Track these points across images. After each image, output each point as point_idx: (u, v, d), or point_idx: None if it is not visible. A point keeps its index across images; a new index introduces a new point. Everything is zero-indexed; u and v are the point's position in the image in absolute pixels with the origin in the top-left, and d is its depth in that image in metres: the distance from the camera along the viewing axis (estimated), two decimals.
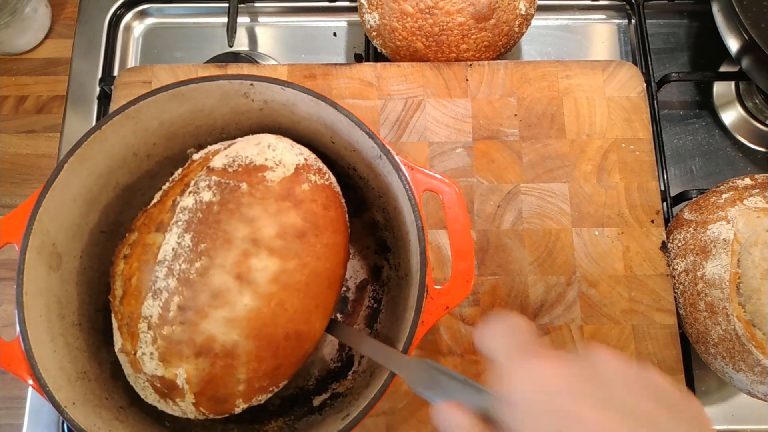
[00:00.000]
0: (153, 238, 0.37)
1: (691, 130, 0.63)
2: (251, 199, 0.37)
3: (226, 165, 0.38)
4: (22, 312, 0.37)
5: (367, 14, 0.55)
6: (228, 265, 0.35)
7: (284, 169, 0.39)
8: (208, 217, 0.36)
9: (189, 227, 0.36)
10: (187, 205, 0.37)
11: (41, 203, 0.38)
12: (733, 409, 0.53)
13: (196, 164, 0.41)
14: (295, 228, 0.37)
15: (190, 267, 0.35)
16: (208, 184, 0.37)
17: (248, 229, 0.36)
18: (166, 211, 0.38)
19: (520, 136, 0.53)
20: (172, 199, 0.38)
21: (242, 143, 0.40)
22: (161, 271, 0.35)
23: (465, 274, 0.38)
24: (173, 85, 0.41)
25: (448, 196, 0.39)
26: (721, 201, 0.49)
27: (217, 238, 0.35)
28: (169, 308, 0.35)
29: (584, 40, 0.66)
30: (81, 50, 0.64)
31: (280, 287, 0.36)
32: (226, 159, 0.39)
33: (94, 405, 0.38)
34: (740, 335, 0.45)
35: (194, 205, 0.36)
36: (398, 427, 0.47)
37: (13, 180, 0.62)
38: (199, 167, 0.39)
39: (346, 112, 0.40)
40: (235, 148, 0.40)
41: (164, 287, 0.35)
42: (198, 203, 0.37)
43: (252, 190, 0.37)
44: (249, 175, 0.38)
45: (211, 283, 0.35)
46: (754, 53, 0.53)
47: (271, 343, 0.36)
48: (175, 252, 0.35)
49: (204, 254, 0.35)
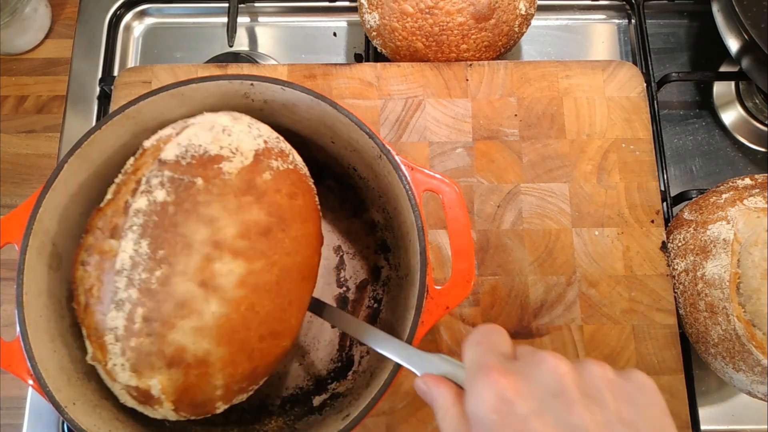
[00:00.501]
0: (109, 244, 0.36)
1: (691, 130, 0.63)
2: (208, 197, 0.35)
3: (178, 156, 0.36)
4: (22, 312, 0.37)
5: (367, 14, 0.55)
6: (190, 272, 0.33)
7: (242, 158, 0.36)
8: (163, 219, 0.34)
9: (145, 232, 0.34)
10: (140, 207, 0.35)
11: (41, 203, 0.38)
12: (733, 409, 0.53)
13: (148, 154, 0.38)
14: (260, 225, 0.35)
15: (150, 276, 0.33)
16: (160, 180, 0.35)
17: (208, 230, 0.34)
18: (119, 213, 0.36)
19: (520, 136, 0.53)
20: (125, 200, 0.36)
21: (195, 128, 0.38)
22: (121, 281, 0.34)
23: (465, 274, 0.38)
24: (173, 85, 0.41)
25: (448, 196, 0.39)
26: (721, 201, 0.49)
27: (175, 243, 0.34)
28: (134, 320, 0.34)
29: (584, 40, 0.66)
30: (81, 50, 0.64)
31: (249, 290, 0.34)
32: (179, 149, 0.36)
33: (94, 405, 0.38)
34: (740, 335, 0.45)
35: (148, 207, 0.35)
36: (398, 427, 0.47)
37: (13, 180, 0.62)
38: (151, 158, 0.37)
39: (346, 112, 0.40)
40: (187, 134, 0.37)
41: (126, 298, 0.34)
42: (152, 204, 0.35)
43: (208, 186, 0.35)
44: (204, 168, 0.35)
45: (174, 293, 0.33)
46: (754, 53, 0.53)
47: (244, 347, 0.35)
48: (132, 260, 0.34)
49: (163, 262, 0.34)
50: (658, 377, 0.48)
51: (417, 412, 0.47)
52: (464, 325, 0.49)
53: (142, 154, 0.39)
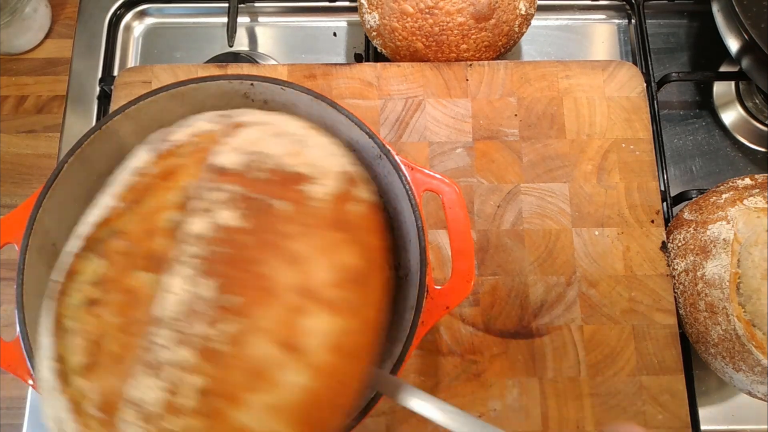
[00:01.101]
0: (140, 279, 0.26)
1: (691, 130, 0.63)
2: (295, 228, 0.26)
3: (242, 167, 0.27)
4: (22, 312, 0.37)
5: (367, 14, 0.55)
6: (273, 327, 0.24)
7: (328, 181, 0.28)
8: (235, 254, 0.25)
9: (208, 269, 0.24)
10: (198, 232, 0.25)
11: (41, 203, 0.38)
12: (733, 409, 0.53)
13: (185, 153, 0.29)
14: (353, 270, 0.27)
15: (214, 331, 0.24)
16: (226, 197, 0.26)
17: (296, 272, 0.25)
18: (157, 233, 0.26)
19: (520, 136, 0.53)
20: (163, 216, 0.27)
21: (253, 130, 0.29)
22: (164, 335, 0.24)
23: (465, 274, 0.38)
24: (173, 85, 0.41)
25: (448, 196, 0.39)
26: (721, 201, 0.49)
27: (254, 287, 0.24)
28: (181, 392, 0.24)
29: (584, 40, 0.66)
30: (81, 50, 0.64)
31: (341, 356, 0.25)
32: (239, 156, 0.27)
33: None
34: (740, 335, 0.45)
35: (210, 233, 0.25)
36: (398, 426, 0.47)
37: (13, 180, 0.62)
38: (193, 162, 0.28)
39: (346, 112, 0.40)
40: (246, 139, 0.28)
41: (170, 360, 0.24)
42: (216, 231, 0.25)
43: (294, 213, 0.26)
44: (284, 188, 0.27)
45: (249, 356, 0.24)
46: (754, 53, 0.53)
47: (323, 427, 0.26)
48: (187, 306, 0.24)
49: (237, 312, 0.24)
50: (658, 377, 0.48)
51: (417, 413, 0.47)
52: (464, 325, 0.49)
53: (172, 150, 0.30)
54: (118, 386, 0.25)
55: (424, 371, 0.48)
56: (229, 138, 0.28)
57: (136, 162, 0.30)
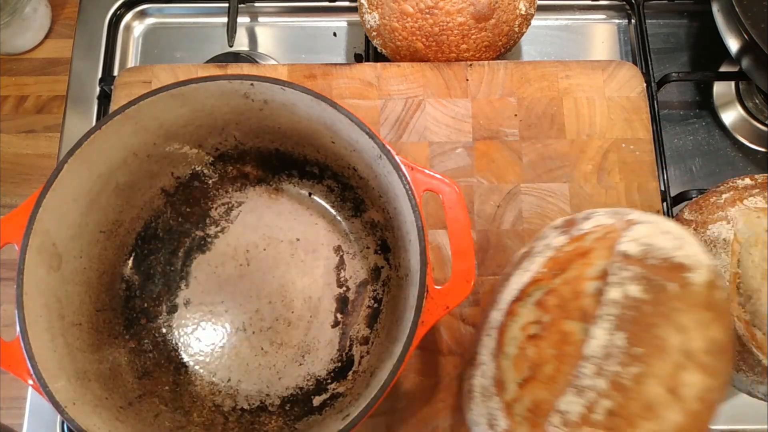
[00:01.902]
0: (572, 326, 0.35)
1: (691, 130, 0.63)
2: (681, 305, 0.35)
3: (641, 254, 0.36)
4: (22, 312, 0.37)
5: (367, 14, 0.55)
6: (663, 376, 0.33)
7: (703, 272, 0.36)
8: (639, 317, 0.34)
9: (621, 325, 0.34)
10: (614, 298, 0.34)
11: (41, 203, 0.38)
12: (733, 409, 0.53)
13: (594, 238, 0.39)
14: (720, 344, 0.35)
15: (623, 371, 0.33)
16: (630, 275, 0.35)
17: (681, 338, 0.34)
18: (583, 296, 0.36)
19: (520, 136, 0.53)
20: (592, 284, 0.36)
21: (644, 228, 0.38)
22: (588, 367, 0.34)
23: (465, 274, 0.38)
24: (173, 85, 0.41)
25: (448, 196, 0.39)
26: (721, 201, 0.49)
27: (652, 344, 0.33)
28: (595, 410, 0.33)
29: (584, 40, 0.66)
30: (81, 50, 0.64)
31: (705, 406, 0.34)
32: (638, 246, 0.36)
33: (94, 405, 0.38)
34: (740, 335, 0.45)
35: (622, 300, 0.34)
36: (398, 427, 0.47)
37: (13, 180, 0.62)
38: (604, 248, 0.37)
39: (346, 113, 0.40)
40: (640, 233, 0.37)
41: (590, 386, 0.33)
42: (625, 298, 0.34)
43: (681, 294, 0.35)
44: (673, 273, 0.35)
45: (645, 393, 0.33)
46: (754, 53, 0.53)
47: None
48: (606, 350, 0.34)
49: (640, 360, 0.33)
50: None
51: (417, 412, 0.47)
52: (464, 325, 0.49)
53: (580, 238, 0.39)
54: (549, 398, 0.35)
55: (424, 371, 0.48)
56: (628, 232, 0.38)
57: (554, 242, 0.41)
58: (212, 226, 0.51)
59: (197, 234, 0.50)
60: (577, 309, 0.36)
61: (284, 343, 0.48)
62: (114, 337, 0.45)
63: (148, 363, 0.46)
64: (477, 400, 0.40)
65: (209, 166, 0.50)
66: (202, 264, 0.50)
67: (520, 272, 0.40)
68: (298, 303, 0.49)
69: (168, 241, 0.50)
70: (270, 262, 0.49)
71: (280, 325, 0.48)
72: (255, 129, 0.47)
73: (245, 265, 0.49)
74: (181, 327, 0.48)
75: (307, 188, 0.51)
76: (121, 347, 0.45)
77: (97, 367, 0.42)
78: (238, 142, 0.48)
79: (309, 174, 0.51)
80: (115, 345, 0.45)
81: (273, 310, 0.48)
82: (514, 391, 0.37)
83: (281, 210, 0.51)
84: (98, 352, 0.43)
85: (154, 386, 0.45)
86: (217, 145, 0.48)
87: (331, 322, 0.48)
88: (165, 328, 0.48)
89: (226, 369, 0.47)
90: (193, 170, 0.49)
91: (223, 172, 0.51)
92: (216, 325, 0.48)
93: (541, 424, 0.35)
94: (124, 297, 0.47)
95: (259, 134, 0.47)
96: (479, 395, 0.40)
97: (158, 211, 0.49)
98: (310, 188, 0.51)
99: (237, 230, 0.50)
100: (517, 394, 0.37)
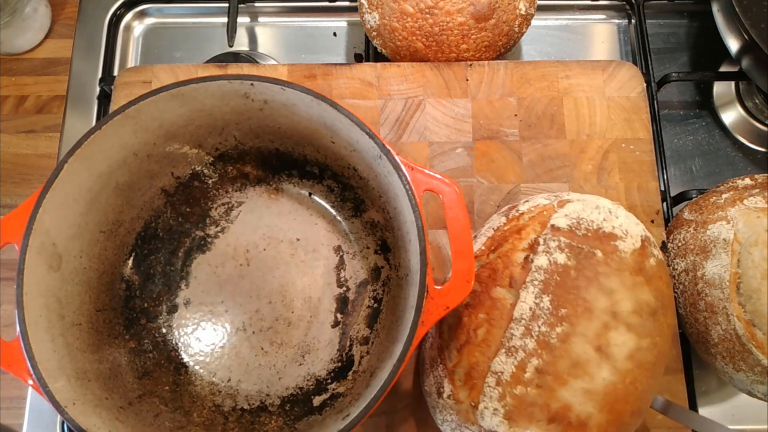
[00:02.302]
0: (502, 293, 0.38)
1: (691, 130, 0.63)
2: (607, 269, 0.37)
3: (571, 226, 0.38)
4: (22, 312, 0.37)
5: (367, 14, 0.55)
6: (590, 335, 0.35)
7: (633, 241, 0.39)
8: (565, 281, 0.36)
9: (546, 289, 0.36)
10: (541, 265, 0.37)
11: (41, 203, 0.38)
12: (734, 409, 0.53)
13: (529, 217, 0.41)
14: (649, 305, 0.37)
15: (550, 331, 0.35)
16: (558, 245, 0.37)
17: (608, 300, 0.36)
18: (513, 265, 0.38)
19: (520, 136, 0.53)
20: (522, 254, 0.38)
21: (576, 204, 0.40)
22: (517, 329, 0.35)
23: (465, 274, 0.38)
24: (173, 85, 0.41)
25: (448, 196, 0.39)
26: (721, 201, 0.49)
27: (577, 305, 0.36)
28: (525, 369, 0.35)
29: (584, 40, 0.66)
30: (81, 50, 0.64)
31: (635, 365, 0.36)
32: (569, 220, 0.39)
33: (93, 405, 0.38)
34: (740, 335, 0.45)
35: (549, 266, 0.37)
36: (399, 426, 0.47)
37: (14, 180, 0.62)
38: (537, 224, 0.39)
39: (346, 112, 0.40)
40: (573, 209, 0.40)
41: (520, 346, 0.35)
42: (552, 264, 0.37)
43: (607, 260, 0.37)
44: (600, 242, 0.38)
45: (572, 351, 0.35)
46: (754, 53, 0.53)
47: (619, 418, 0.36)
48: (533, 312, 0.35)
49: (565, 320, 0.35)
50: None
51: (417, 412, 0.47)
52: None
53: (520, 216, 0.42)
54: (483, 360, 0.37)
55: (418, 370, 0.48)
56: (560, 209, 0.40)
57: (495, 224, 0.43)
58: (212, 226, 0.51)
59: (197, 234, 0.50)
60: (507, 277, 0.38)
61: (284, 343, 0.48)
62: (114, 337, 0.45)
63: (148, 363, 0.46)
64: (428, 371, 0.41)
65: (209, 166, 0.50)
66: (202, 264, 0.50)
67: None
68: (298, 303, 0.49)
69: (168, 241, 0.50)
70: (270, 262, 0.49)
71: (280, 325, 0.48)
72: (255, 129, 0.47)
73: (245, 265, 0.49)
74: (181, 327, 0.48)
75: (307, 188, 0.51)
76: (121, 347, 0.45)
77: (97, 367, 0.42)
78: (238, 142, 0.48)
79: (309, 174, 0.51)
80: (115, 345, 0.45)
81: (273, 310, 0.48)
82: (454, 357, 0.39)
83: (281, 210, 0.51)
84: (98, 352, 0.43)
85: (154, 386, 0.45)
86: (217, 145, 0.48)
87: (331, 322, 0.48)
88: (165, 328, 0.48)
89: (226, 369, 0.47)
90: (193, 170, 0.49)
91: (223, 172, 0.51)
92: (216, 325, 0.48)
93: (478, 386, 0.36)
94: (124, 297, 0.47)
95: (259, 134, 0.47)
96: (428, 366, 0.41)
97: (158, 211, 0.49)
98: (310, 188, 0.51)
99: (237, 230, 0.50)
100: (456, 359, 0.38)
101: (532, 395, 0.35)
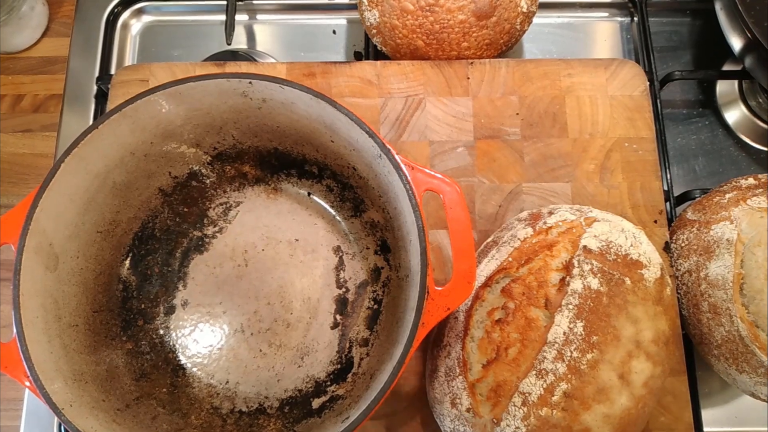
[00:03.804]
0: (537, 313, 0.38)
1: (694, 129, 0.62)
2: (635, 298, 0.38)
3: (601, 249, 0.40)
4: (19, 313, 0.37)
5: (367, 12, 0.55)
6: (615, 362, 0.37)
7: (654, 270, 0.40)
8: (598, 307, 0.37)
9: (580, 314, 0.37)
10: (576, 289, 0.38)
11: (38, 203, 0.38)
12: (736, 410, 0.53)
13: (557, 232, 0.42)
14: (665, 335, 0.39)
15: (581, 357, 0.36)
16: (591, 269, 0.38)
17: (633, 329, 0.37)
18: (548, 285, 0.39)
19: (522, 135, 0.53)
20: (557, 275, 0.39)
21: (603, 225, 0.41)
22: (550, 353, 0.36)
23: (466, 275, 0.37)
24: (171, 84, 0.41)
25: (449, 196, 0.38)
26: (724, 201, 0.49)
27: (607, 332, 0.37)
28: (554, 392, 0.36)
29: (586, 38, 0.66)
30: (78, 48, 0.63)
31: (647, 391, 0.38)
32: (599, 242, 0.40)
33: (90, 407, 0.38)
34: (743, 336, 0.44)
35: (583, 291, 0.38)
36: (398, 429, 0.46)
37: (10, 180, 0.61)
38: (568, 242, 0.40)
39: (345, 111, 0.40)
40: (601, 230, 0.41)
41: (551, 370, 0.36)
42: (586, 289, 0.38)
43: (635, 288, 0.39)
44: (629, 269, 0.39)
45: (599, 378, 0.36)
46: (757, 52, 0.53)
47: None
48: (566, 337, 0.36)
49: (596, 347, 0.36)
50: None
51: (417, 415, 0.47)
52: None
53: (546, 229, 0.42)
54: (511, 379, 0.37)
55: (424, 373, 0.47)
56: (589, 228, 0.41)
57: (520, 234, 0.43)
58: (210, 227, 0.50)
59: (195, 234, 0.50)
60: (542, 297, 0.39)
61: (283, 345, 0.47)
62: (111, 338, 0.45)
63: (145, 365, 0.45)
64: (441, 380, 0.42)
65: (207, 166, 0.50)
66: (200, 265, 0.49)
67: (487, 260, 0.43)
68: (297, 304, 0.48)
69: (165, 241, 0.49)
70: (268, 263, 0.49)
71: (279, 327, 0.48)
72: (253, 128, 0.46)
73: (243, 266, 0.49)
74: (178, 328, 0.48)
75: (306, 188, 0.51)
76: (118, 349, 0.45)
77: (94, 368, 0.41)
78: (236, 141, 0.48)
79: (308, 173, 0.50)
80: (112, 346, 0.44)
81: (272, 311, 0.48)
82: (478, 371, 0.39)
83: (280, 210, 0.51)
84: (95, 353, 0.42)
85: (151, 388, 0.44)
86: (215, 144, 0.48)
87: (331, 324, 0.48)
88: (162, 329, 0.48)
89: (224, 371, 0.47)
90: (190, 170, 0.49)
91: (221, 172, 0.50)
92: (214, 326, 0.48)
93: (502, 403, 0.37)
94: (121, 298, 0.47)
95: (257, 133, 0.47)
96: (443, 375, 0.41)
97: (156, 211, 0.49)
98: (309, 188, 0.51)
99: (235, 230, 0.50)
100: (480, 374, 0.39)
101: (557, 418, 0.36)
